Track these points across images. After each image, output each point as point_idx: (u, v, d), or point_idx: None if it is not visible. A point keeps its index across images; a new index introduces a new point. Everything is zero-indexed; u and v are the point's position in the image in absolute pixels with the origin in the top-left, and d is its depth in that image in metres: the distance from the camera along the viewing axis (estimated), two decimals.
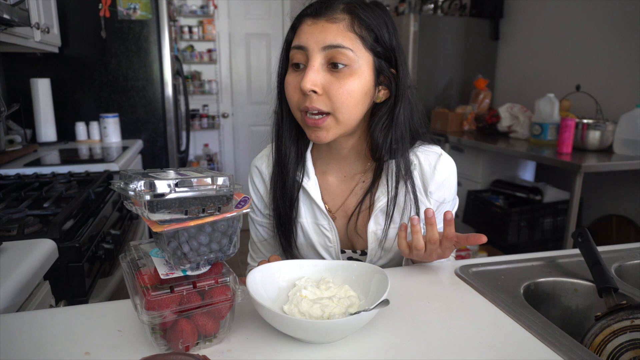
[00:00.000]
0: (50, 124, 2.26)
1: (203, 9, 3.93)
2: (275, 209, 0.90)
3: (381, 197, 0.85)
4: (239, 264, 3.18)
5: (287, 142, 0.86)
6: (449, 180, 0.88)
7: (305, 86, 0.73)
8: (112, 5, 2.35)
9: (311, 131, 0.79)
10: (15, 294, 0.72)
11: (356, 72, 0.75)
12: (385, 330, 0.62)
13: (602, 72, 2.49)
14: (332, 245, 0.89)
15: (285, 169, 0.86)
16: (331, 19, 0.74)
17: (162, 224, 0.54)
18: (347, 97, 0.75)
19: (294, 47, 0.77)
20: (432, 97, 3.26)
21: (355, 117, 0.78)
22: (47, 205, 1.14)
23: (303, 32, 0.76)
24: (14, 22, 1.41)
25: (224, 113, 4.22)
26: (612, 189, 2.46)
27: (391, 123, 0.81)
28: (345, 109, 0.76)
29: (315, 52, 0.74)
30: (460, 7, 3.45)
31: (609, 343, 0.68)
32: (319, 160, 0.90)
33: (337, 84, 0.74)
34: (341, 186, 0.90)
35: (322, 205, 0.87)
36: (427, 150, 0.88)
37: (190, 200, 0.55)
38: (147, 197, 0.53)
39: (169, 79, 2.53)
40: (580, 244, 0.80)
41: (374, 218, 0.86)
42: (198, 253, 0.57)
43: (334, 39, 0.73)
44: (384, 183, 0.85)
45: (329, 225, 0.88)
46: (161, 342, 0.56)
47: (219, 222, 0.57)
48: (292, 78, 0.78)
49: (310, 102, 0.75)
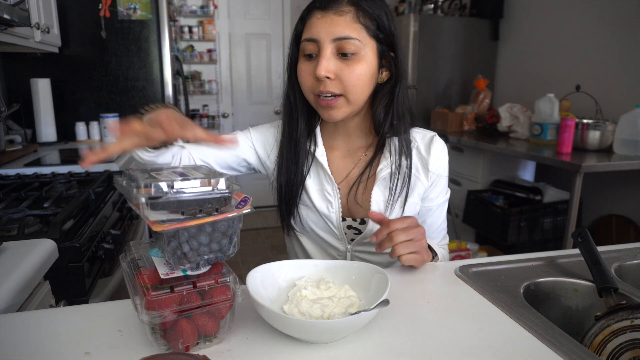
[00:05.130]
0: (50, 124, 2.26)
1: (203, 9, 3.93)
2: (283, 174, 0.96)
3: (384, 169, 0.92)
4: (239, 264, 3.18)
5: (300, 120, 0.95)
6: (442, 156, 0.97)
7: (320, 73, 0.82)
8: (112, 5, 2.35)
9: (324, 111, 0.88)
10: (15, 294, 0.72)
11: (363, 58, 0.84)
12: (385, 330, 0.62)
13: (602, 72, 2.49)
14: (334, 210, 0.95)
15: (297, 141, 0.95)
16: (339, 12, 0.83)
17: (162, 223, 0.54)
18: (356, 80, 0.84)
19: (306, 40, 0.86)
20: (432, 97, 3.26)
21: (363, 98, 0.88)
22: (47, 205, 1.14)
23: (313, 25, 0.85)
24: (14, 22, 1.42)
25: (224, 113, 4.22)
26: (612, 189, 2.46)
27: (392, 101, 0.91)
28: (355, 90, 0.85)
29: (327, 43, 0.83)
30: (460, 7, 3.45)
31: (608, 343, 0.68)
32: (326, 136, 0.99)
33: (348, 69, 0.84)
34: (345, 159, 0.98)
35: (328, 169, 0.94)
36: (422, 132, 0.98)
37: (189, 201, 0.55)
38: (143, 198, 0.53)
39: (169, 79, 2.53)
40: (580, 244, 0.80)
41: (377, 187, 0.93)
42: (198, 253, 0.57)
43: (342, 31, 0.82)
44: (387, 157, 0.93)
45: (333, 191, 0.94)
46: (161, 342, 0.56)
47: (219, 222, 0.57)
48: (305, 66, 0.87)
49: (324, 87, 0.84)
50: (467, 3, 3.39)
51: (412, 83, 3.13)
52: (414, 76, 3.13)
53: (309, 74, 0.86)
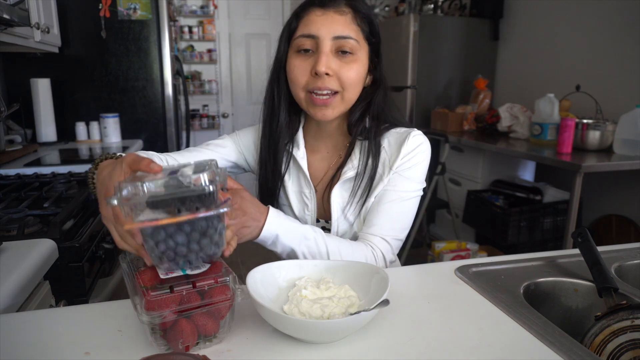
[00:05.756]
0: (50, 124, 2.26)
1: (203, 9, 3.93)
2: (262, 174, 0.97)
3: (348, 171, 0.91)
4: (239, 264, 3.18)
5: (281, 119, 0.94)
6: (413, 155, 0.89)
7: (321, 69, 0.83)
8: (112, 5, 2.35)
9: (318, 110, 0.87)
10: (15, 294, 0.72)
11: (359, 59, 0.86)
12: (385, 330, 0.62)
13: (602, 72, 2.49)
14: (310, 213, 0.96)
15: (276, 142, 0.95)
16: (339, 11, 0.84)
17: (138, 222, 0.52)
18: (353, 78, 0.86)
19: (303, 36, 0.85)
20: (432, 97, 3.26)
21: (355, 97, 0.89)
22: (47, 205, 1.14)
23: (313, 22, 0.85)
24: (14, 22, 1.41)
25: (224, 113, 4.22)
26: (612, 189, 2.46)
27: (369, 105, 0.92)
28: (351, 88, 0.87)
29: (327, 40, 0.84)
30: (460, 7, 3.45)
31: (609, 343, 0.68)
32: (308, 137, 0.99)
33: (346, 67, 0.85)
34: (324, 161, 0.99)
35: (307, 173, 0.95)
36: (399, 131, 0.94)
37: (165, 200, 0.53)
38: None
39: (169, 79, 2.53)
40: (580, 244, 0.80)
41: (337, 188, 0.92)
42: (175, 252, 0.54)
43: (343, 30, 0.84)
44: (352, 159, 0.92)
45: (310, 194, 0.95)
46: (161, 342, 0.56)
47: (197, 222, 0.55)
48: (299, 62, 0.86)
49: (322, 83, 0.84)
50: (467, 3, 3.38)
51: (412, 83, 3.13)
52: (414, 76, 3.12)
53: (304, 70, 0.86)
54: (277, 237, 0.80)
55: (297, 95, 0.89)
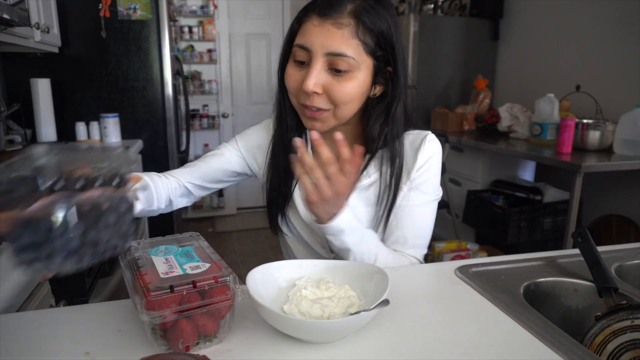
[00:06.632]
0: (50, 124, 2.26)
1: (203, 9, 3.93)
2: (275, 180, 0.93)
3: (363, 179, 0.89)
4: (239, 264, 3.18)
5: (289, 122, 0.91)
6: (431, 163, 0.91)
7: (308, 88, 0.77)
8: (112, 5, 2.35)
9: (308, 121, 0.84)
10: (15, 294, 0.72)
11: (356, 77, 0.79)
12: (385, 330, 0.62)
13: (602, 72, 2.49)
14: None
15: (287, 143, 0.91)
16: (337, 24, 0.76)
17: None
18: (345, 97, 0.79)
19: (298, 45, 0.80)
20: (432, 97, 3.26)
21: (350, 113, 0.83)
22: None
23: (308, 33, 0.78)
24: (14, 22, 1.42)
25: (224, 113, 4.22)
26: (612, 189, 2.46)
27: (387, 119, 0.85)
28: (343, 106, 0.81)
29: (319, 56, 0.77)
30: (460, 7, 3.45)
31: (609, 343, 0.68)
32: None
33: (338, 86, 0.78)
34: None
35: None
36: (414, 135, 0.92)
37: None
38: None
39: (169, 79, 2.53)
40: (580, 244, 0.80)
41: (355, 196, 0.89)
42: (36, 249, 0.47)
43: (337, 47, 0.76)
44: (370, 167, 0.89)
45: None
46: (161, 342, 0.56)
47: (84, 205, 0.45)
48: (293, 71, 0.82)
49: (310, 102, 0.80)
50: (467, 3, 3.38)
51: (412, 83, 3.13)
52: (414, 76, 3.13)
53: (296, 81, 0.81)
54: (342, 232, 0.79)
55: (292, 102, 0.86)
